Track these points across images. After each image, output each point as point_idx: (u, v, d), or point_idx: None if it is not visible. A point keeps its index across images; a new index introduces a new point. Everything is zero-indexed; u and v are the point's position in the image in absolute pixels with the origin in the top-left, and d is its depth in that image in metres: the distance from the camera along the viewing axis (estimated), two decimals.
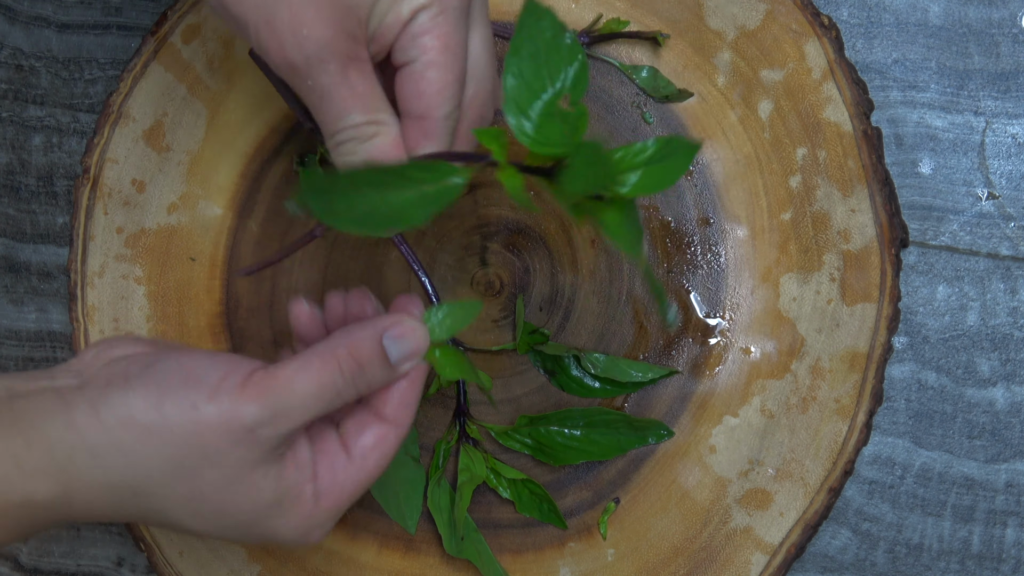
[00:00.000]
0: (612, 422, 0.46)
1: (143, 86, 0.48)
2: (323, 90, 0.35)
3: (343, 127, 0.36)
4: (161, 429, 0.32)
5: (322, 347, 0.35)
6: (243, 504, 0.34)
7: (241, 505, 0.34)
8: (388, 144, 0.36)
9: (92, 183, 0.48)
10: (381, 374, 0.35)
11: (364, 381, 0.35)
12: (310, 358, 0.34)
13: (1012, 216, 0.50)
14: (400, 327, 0.35)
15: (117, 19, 0.52)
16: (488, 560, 0.46)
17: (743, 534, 0.46)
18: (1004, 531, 0.49)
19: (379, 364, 0.35)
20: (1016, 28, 0.51)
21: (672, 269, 0.48)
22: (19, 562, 0.51)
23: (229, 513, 0.34)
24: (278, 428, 0.33)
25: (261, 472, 0.34)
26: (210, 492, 0.33)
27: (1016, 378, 0.49)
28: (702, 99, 0.48)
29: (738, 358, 0.47)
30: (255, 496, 0.34)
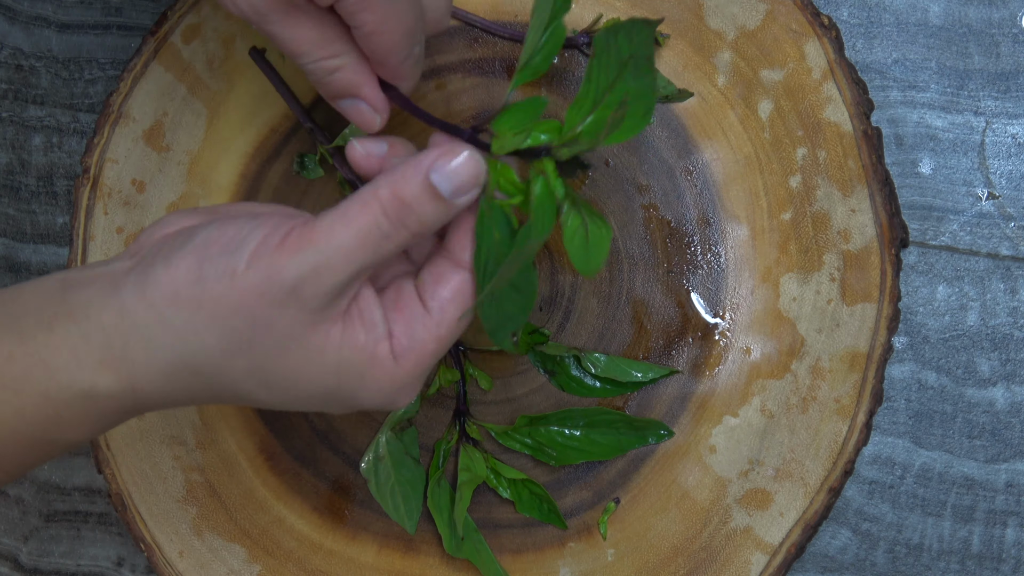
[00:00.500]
0: (612, 422, 0.46)
1: (143, 86, 0.48)
2: (275, 36, 0.37)
3: (305, 63, 0.38)
4: (205, 301, 0.31)
5: (363, 191, 0.32)
6: (309, 369, 0.32)
7: (307, 370, 0.32)
8: (349, 76, 0.38)
9: (92, 183, 0.48)
10: (434, 211, 0.33)
11: (415, 221, 0.32)
12: (349, 204, 0.32)
13: (1012, 216, 0.50)
14: (445, 157, 0.33)
15: (117, 19, 0.52)
16: (488, 560, 0.46)
17: (743, 534, 0.46)
18: (1004, 531, 0.49)
19: (428, 200, 0.32)
20: (1016, 28, 0.51)
21: (672, 269, 0.48)
22: (19, 562, 0.51)
23: (298, 380, 0.33)
24: (321, 283, 0.31)
25: (320, 333, 0.32)
26: (270, 361, 0.32)
27: (1016, 378, 0.49)
28: (702, 99, 0.48)
29: (738, 358, 0.47)
30: (319, 359, 0.32)
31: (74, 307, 0.32)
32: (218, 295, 0.31)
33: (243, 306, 0.31)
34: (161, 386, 0.32)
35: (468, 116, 0.48)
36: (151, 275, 0.32)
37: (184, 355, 0.32)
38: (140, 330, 0.31)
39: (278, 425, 0.48)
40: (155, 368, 0.32)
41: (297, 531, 0.47)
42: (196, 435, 0.47)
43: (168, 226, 0.35)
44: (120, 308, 0.31)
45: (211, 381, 0.33)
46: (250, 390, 0.33)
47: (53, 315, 0.32)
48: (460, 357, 0.47)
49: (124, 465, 0.47)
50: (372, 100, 0.39)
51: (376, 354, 0.33)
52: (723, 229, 0.48)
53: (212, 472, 0.47)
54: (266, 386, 0.33)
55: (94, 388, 0.32)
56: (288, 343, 0.32)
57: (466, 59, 0.48)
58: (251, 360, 0.32)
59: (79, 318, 0.32)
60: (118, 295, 0.32)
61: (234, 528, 0.47)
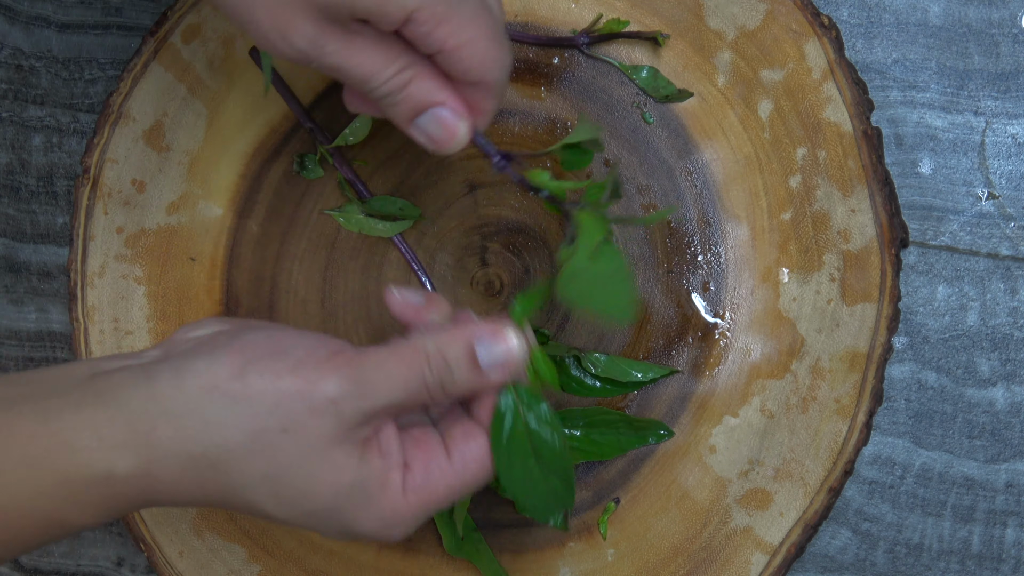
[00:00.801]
0: (612, 422, 0.46)
1: (143, 86, 0.48)
2: (338, 67, 0.35)
3: (374, 87, 0.36)
4: (242, 397, 0.32)
5: (412, 337, 0.34)
6: (323, 484, 0.33)
7: (321, 485, 0.33)
8: (426, 84, 0.36)
9: (92, 183, 0.48)
10: (469, 378, 0.35)
11: (451, 381, 0.34)
12: (400, 346, 0.34)
13: (1012, 216, 0.50)
14: (493, 333, 0.35)
15: (117, 19, 0.52)
16: (488, 560, 0.46)
17: (743, 534, 0.46)
18: (1004, 531, 0.49)
19: (467, 367, 0.34)
20: (1016, 28, 0.51)
21: (672, 269, 0.48)
22: (19, 562, 0.51)
23: (308, 496, 0.33)
24: (361, 404, 0.32)
25: (343, 451, 0.33)
26: (289, 469, 0.32)
27: (1016, 378, 0.49)
28: (702, 99, 0.48)
29: (738, 358, 0.47)
30: (335, 476, 0.33)
31: (103, 390, 0.32)
32: (257, 392, 0.32)
33: (280, 406, 0.32)
34: (177, 476, 0.32)
35: None
36: (191, 366, 0.32)
37: (207, 447, 0.32)
38: (169, 416, 0.32)
39: None
40: (175, 456, 0.32)
41: (297, 531, 0.47)
42: None
43: (204, 328, 0.36)
44: (151, 393, 0.32)
45: (225, 480, 0.33)
46: (258, 499, 0.33)
47: (81, 397, 0.32)
48: None
49: None
50: (454, 104, 0.37)
51: (388, 481, 0.34)
52: (723, 229, 0.48)
53: None
54: (275, 496, 0.33)
55: (112, 471, 0.32)
56: (311, 454, 0.32)
57: None
58: (270, 464, 0.32)
59: (107, 400, 0.32)
60: (150, 382, 0.32)
61: (234, 528, 0.47)
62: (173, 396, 0.32)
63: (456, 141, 0.37)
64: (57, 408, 0.32)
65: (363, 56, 0.35)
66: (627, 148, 0.48)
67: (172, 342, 0.35)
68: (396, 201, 0.48)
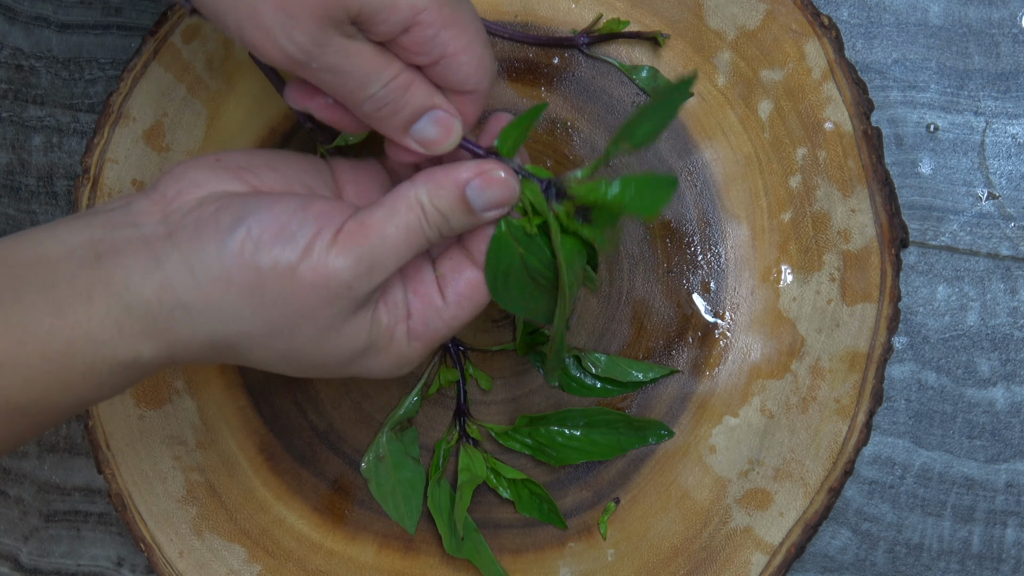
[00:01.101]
0: (612, 422, 0.46)
1: (143, 86, 0.48)
2: (333, 72, 0.34)
3: (374, 92, 0.35)
4: (258, 290, 0.32)
5: (405, 191, 0.34)
6: (338, 352, 0.35)
7: (336, 353, 0.35)
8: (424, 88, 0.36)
9: (92, 183, 0.48)
10: (464, 221, 0.35)
11: (448, 227, 0.35)
12: (396, 205, 0.34)
13: (1012, 216, 0.50)
14: (483, 177, 0.35)
15: (117, 19, 0.52)
16: (488, 560, 0.46)
17: (743, 534, 0.46)
18: (1004, 531, 0.49)
19: (462, 212, 0.35)
20: (1016, 28, 0.51)
21: (672, 269, 0.48)
22: (19, 562, 0.51)
23: (324, 361, 0.35)
24: (373, 280, 0.33)
25: (356, 321, 0.34)
26: (307, 345, 0.34)
27: (1016, 378, 0.49)
28: (702, 99, 0.48)
29: (738, 358, 0.47)
30: (350, 343, 0.34)
31: (112, 277, 0.32)
32: (272, 284, 0.32)
33: (296, 298, 0.33)
34: (196, 354, 0.34)
35: None
36: (200, 255, 0.32)
37: (227, 334, 0.33)
38: (186, 308, 0.32)
39: (278, 425, 0.48)
40: (196, 341, 0.33)
41: (297, 531, 0.47)
42: (196, 435, 0.47)
43: (196, 185, 0.34)
44: (164, 283, 0.32)
45: (244, 354, 0.34)
46: (276, 365, 0.35)
47: (91, 285, 0.32)
48: (460, 357, 0.47)
49: (124, 465, 0.47)
50: (447, 105, 0.37)
51: (395, 334, 0.36)
52: (723, 229, 0.48)
53: (212, 472, 0.47)
54: (293, 364, 0.35)
55: (138, 358, 0.33)
56: (329, 330, 0.34)
57: None
58: (288, 344, 0.34)
59: (119, 290, 0.32)
60: (161, 268, 0.32)
61: (234, 528, 0.47)
62: (186, 288, 0.32)
63: (451, 141, 0.37)
64: (69, 299, 0.32)
65: (359, 59, 0.34)
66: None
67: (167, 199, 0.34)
68: None
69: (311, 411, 0.48)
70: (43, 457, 0.51)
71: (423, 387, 0.47)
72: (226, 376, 0.48)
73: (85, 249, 0.33)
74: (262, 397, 0.48)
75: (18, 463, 0.51)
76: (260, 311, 0.33)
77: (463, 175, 0.35)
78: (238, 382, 0.48)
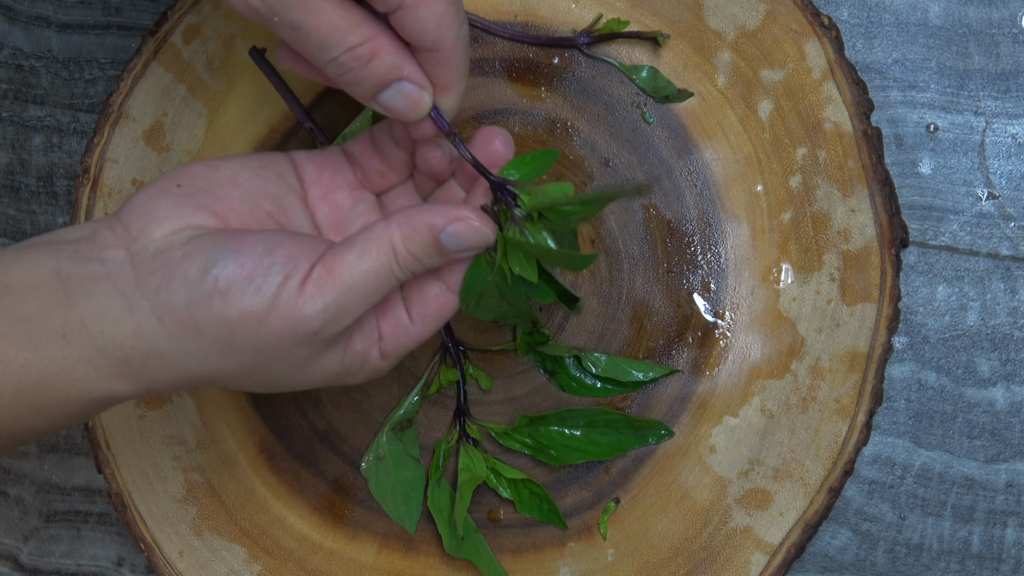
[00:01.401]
0: (612, 422, 0.46)
1: (143, 86, 0.48)
2: (295, 28, 0.33)
3: (334, 56, 0.34)
4: (229, 341, 0.33)
5: (378, 234, 0.34)
6: (313, 379, 0.36)
7: (311, 380, 0.36)
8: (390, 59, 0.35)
9: (92, 183, 0.48)
10: (439, 262, 0.36)
11: (421, 268, 0.36)
12: (367, 248, 0.34)
13: (1012, 216, 0.50)
14: (459, 225, 0.35)
15: (117, 19, 0.52)
16: (488, 560, 0.46)
17: (743, 534, 0.46)
18: (1004, 531, 0.49)
19: (436, 255, 0.35)
20: (1016, 28, 0.51)
21: (672, 269, 0.48)
22: (19, 562, 0.51)
23: (300, 385, 0.36)
24: (340, 324, 0.34)
25: (329, 355, 0.35)
26: (281, 378, 0.35)
27: (1016, 378, 0.49)
28: (702, 99, 0.48)
29: (738, 358, 0.47)
30: (323, 372, 0.36)
31: (85, 316, 0.32)
32: (242, 336, 0.33)
33: (266, 345, 0.33)
34: (173, 389, 0.35)
35: (468, 116, 0.48)
36: (169, 307, 0.32)
37: (200, 375, 0.34)
38: (159, 356, 0.33)
39: (278, 425, 0.48)
40: (170, 380, 0.34)
41: (297, 531, 0.47)
42: (196, 435, 0.47)
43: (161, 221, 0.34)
44: (137, 331, 0.32)
45: (221, 386, 0.36)
46: (254, 390, 0.37)
47: (64, 324, 0.32)
48: (460, 357, 0.47)
49: (124, 465, 0.47)
50: (416, 76, 0.36)
51: (368, 356, 0.37)
52: (723, 229, 0.48)
53: (212, 472, 0.47)
54: (271, 389, 0.36)
55: (113, 394, 0.33)
56: (302, 366, 0.35)
57: None
58: (263, 379, 0.35)
59: (93, 332, 0.32)
60: (132, 316, 0.32)
61: (234, 528, 0.47)
62: (159, 338, 0.33)
63: (419, 112, 0.36)
64: (44, 336, 0.32)
65: (323, 17, 0.33)
66: (627, 148, 0.48)
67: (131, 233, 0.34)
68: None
69: (311, 411, 0.48)
70: (43, 457, 0.51)
71: (423, 387, 0.47)
72: None
73: (53, 281, 0.32)
74: (262, 397, 0.48)
75: (18, 463, 0.51)
76: (231, 357, 0.33)
77: (438, 221, 0.35)
78: None
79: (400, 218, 0.35)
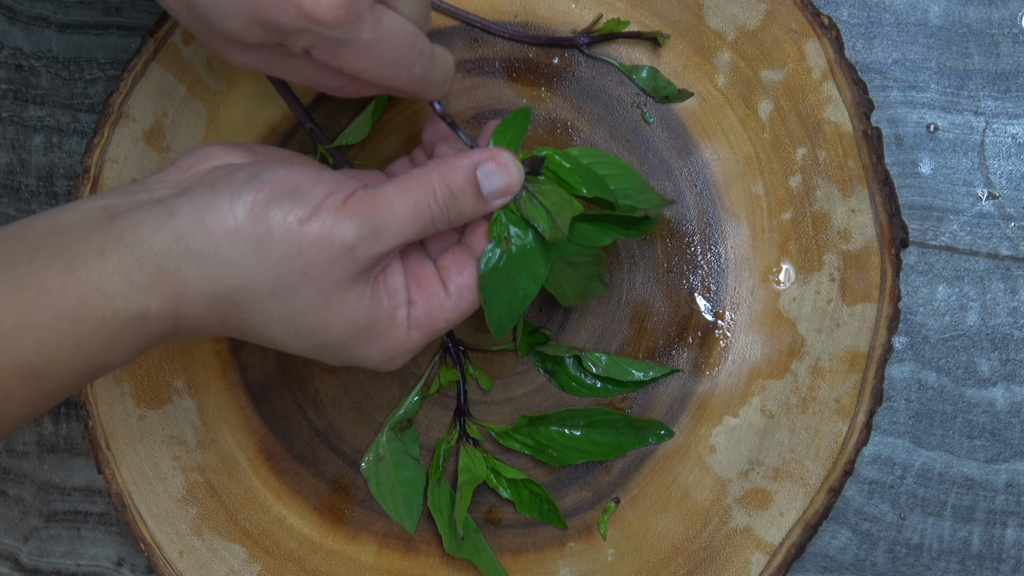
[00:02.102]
0: (612, 422, 0.46)
1: (143, 86, 0.48)
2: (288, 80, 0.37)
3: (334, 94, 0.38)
4: (265, 242, 0.33)
5: (418, 172, 0.36)
6: (337, 322, 0.35)
7: (335, 323, 0.35)
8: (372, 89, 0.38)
9: (92, 183, 0.48)
10: (473, 205, 0.37)
11: (456, 210, 0.36)
12: (407, 182, 0.35)
13: (1012, 216, 0.50)
14: (495, 160, 0.37)
15: (117, 19, 0.52)
16: (488, 560, 0.46)
17: (743, 534, 0.46)
18: (1004, 531, 0.49)
19: (471, 195, 0.36)
20: (1016, 28, 0.51)
21: (672, 269, 0.48)
22: (19, 562, 0.51)
23: (322, 332, 0.35)
24: (376, 247, 0.34)
25: (356, 291, 0.35)
26: (306, 309, 0.34)
27: (1016, 378, 0.49)
28: (702, 99, 0.48)
29: (738, 358, 0.47)
30: (349, 316, 0.35)
31: (125, 231, 0.32)
32: (279, 237, 0.33)
33: (301, 252, 0.33)
34: (200, 313, 0.34)
35: (468, 116, 0.48)
36: (212, 205, 0.33)
37: (231, 287, 0.33)
38: (194, 256, 0.33)
39: (278, 425, 0.48)
40: (201, 294, 0.33)
41: (297, 531, 0.47)
42: (196, 435, 0.47)
43: (211, 158, 0.36)
44: (175, 232, 0.33)
45: (245, 316, 0.34)
46: (274, 334, 0.35)
47: (103, 242, 0.32)
48: (460, 357, 0.47)
49: (124, 465, 0.47)
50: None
51: (394, 318, 0.36)
52: (723, 229, 0.48)
53: (212, 472, 0.47)
54: (291, 333, 0.35)
55: (146, 312, 0.33)
56: (329, 295, 0.34)
57: (466, 59, 0.48)
58: (290, 305, 0.34)
59: (131, 243, 0.32)
60: (173, 219, 0.33)
61: (234, 528, 0.47)
62: (196, 236, 0.33)
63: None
64: (81, 256, 0.32)
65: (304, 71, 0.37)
66: (627, 148, 0.48)
67: (182, 171, 0.35)
68: None
69: (311, 411, 0.48)
70: (43, 457, 0.51)
71: (423, 387, 0.47)
72: (226, 376, 0.48)
73: (99, 213, 0.33)
74: (262, 397, 0.48)
75: (18, 463, 0.51)
76: (265, 264, 0.33)
77: (476, 156, 0.37)
78: (238, 382, 0.48)
79: (438, 159, 0.37)
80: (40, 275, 0.31)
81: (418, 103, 0.48)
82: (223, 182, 0.34)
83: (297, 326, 0.35)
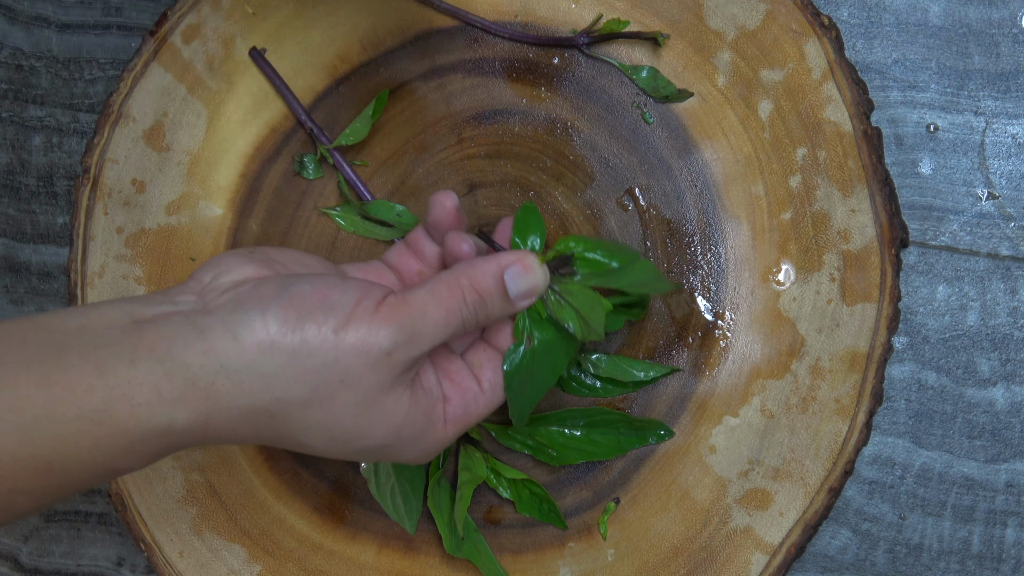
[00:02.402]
0: (612, 422, 0.46)
1: (143, 86, 0.48)
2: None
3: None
4: (300, 353, 0.33)
5: (447, 276, 0.37)
6: (377, 426, 0.35)
7: (375, 428, 0.35)
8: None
9: (92, 183, 0.48)
10: (500, 307, 0.38)
11: (484, 313, 0.37)
12: (438, 286, 0.36)
13: (1012, 216, 0.50)
14: (521, 264, 0.38)
15: (117, 19, 0.52)
16: (488, 560, 0.46)
17: (743, 534, 0.46)
18: (1004, 531, 0.49)
19: (499, 298, 0.37)
20: (1016, 28, 0.51)
21: (673, 269, 0.48)
22: (19, 562, 0.51)
23: (361, 436, 0.35)
24: (412, 351, 0.35)
25: (394, 396, 0.35)
26: (345, 416, 0.34)
27: (1016, 378, 0.49)
28: (702, 99, 0.48)
29: (738, 358, 0.47)
30: (388, 419, 0.35)
31: (155, 343, 0.32)
32: (316, 347, 0.33)
33: (339, 361, 0.33)
34: (234, 425, 0.34)
35: (468, 116, 0.48)
36: (244, 322, 0.33)
37: (266, 400, 0.33)
38: (228, 372, 0.32)
39: None
40: (235, 409, 0.33)
41: (297, 531, 0.47)
42: None
43: (229, 269, 0.36)
44: (207, 350, 0.32)
45: (281, 426, 0.34)
46: (312, 440, 0.35)
47: (133, 350, 0.32)
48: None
49: None
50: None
51: (432, 416, 0.37)
52: (723, 229, 0.48)
53: (212, 472, 0.47)
54: (330, 438, 0.35)
55: (172, 424, 0.32)
56: (367, 402, 0.34)
57: (466, 59, 0.48)
58: (328, 413, 0.34)
59: (161, 355, 0.32)
60: (204, 337, 0.33)
61: (234, 528, 0.47)
62: (230, 352, 0.32)
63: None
64: (111, 361, 0.32)
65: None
66: (627, 148, 0.48)
67: (203, 286, 0.35)
68: (394, 207, 0.48)
69: None
70: None
71: None
72: None
73: (125, 319, 0.33)
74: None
75: None
76: (302, 374, 0.33)
77: (503, 260, 0.38)
78: None
79: (465, 263, 0.38)
80: (69, 373, 0.31)
81: (418, 103, 0.48)
82: (251, 299, 0.34)
83: (334, 432, 0.35)
